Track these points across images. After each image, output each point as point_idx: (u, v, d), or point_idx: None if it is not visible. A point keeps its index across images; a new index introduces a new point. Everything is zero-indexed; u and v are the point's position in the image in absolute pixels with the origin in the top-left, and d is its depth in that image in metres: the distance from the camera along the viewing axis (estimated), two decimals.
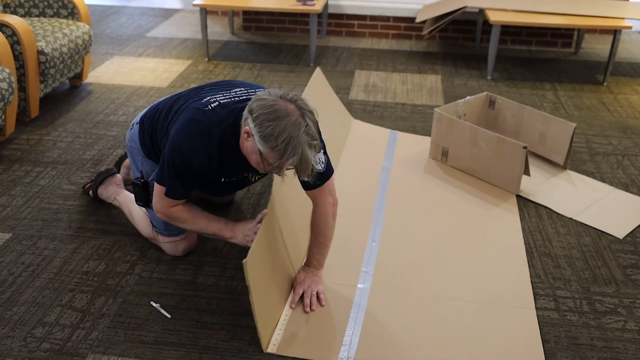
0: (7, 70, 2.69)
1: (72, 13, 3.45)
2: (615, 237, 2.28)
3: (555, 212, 2.43)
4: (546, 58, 4.34)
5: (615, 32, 3.74)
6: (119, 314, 1.85)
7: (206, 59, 4.11)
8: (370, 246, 2.17)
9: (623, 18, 3.79)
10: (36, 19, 3.37)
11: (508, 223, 2.34)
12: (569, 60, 4.30)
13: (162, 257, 2.11)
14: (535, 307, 1.92)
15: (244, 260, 1.60)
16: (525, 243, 2.24)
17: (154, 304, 1.89)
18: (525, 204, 2.48)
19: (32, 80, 3.00)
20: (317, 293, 1.89)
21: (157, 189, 1.84)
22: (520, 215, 2.40)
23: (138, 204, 2.10)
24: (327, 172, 1.84)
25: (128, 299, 1.91)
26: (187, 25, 4.92)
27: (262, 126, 1.54)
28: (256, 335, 1.77)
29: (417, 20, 4.28)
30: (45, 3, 3.44)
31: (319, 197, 1.86)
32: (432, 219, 2.36)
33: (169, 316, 1.84)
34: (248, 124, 1.59)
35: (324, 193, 1.86)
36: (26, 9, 3.45)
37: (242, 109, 1.69)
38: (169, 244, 2.09)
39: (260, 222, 1.85)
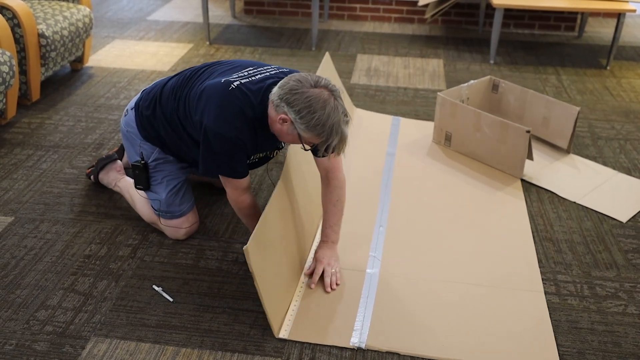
0: (7, 53, 2.67)
1: None
2: (618, 221, 2.28)
3: (558, 196, 2.43)
4: (549, 42, 4.31)
5: (619, 16, 3.70)
6: (121, 297, 1.86)
7: (207, 43, 4.08)
8: (378, 231, 2.17)
9: (627, 1, 3.75)
10: (36, 1, 3.34)
11: (514, 207, 2.34)
12: (572, 44, 4.27)
13: (164, 241, 2.12)
14: None
15: (244, 247, 1.60)
16: None
17: (156, 288, 1.90)
18: (527, 188, 2.48)
19: (33, 64, 2.99)
20: (336, 271, 1.94)
21: (225, 180, 1.87)
22: None
23: (137, 188, 2.11)
24: None
25: (130, 283, 1.92)
26: (188, 8, 4.89)
27: (307, 118, 1.64)
28: (258, 318, 1.78)
29: (420, 3, 4.24)
30: None
31: (334, 164, 1.94)
32: (438, 203, 2.36)
33: (171, 300, 1.85)
34: (285, 112, 1.68)
35: (338, 161, 1.95)
36: None
37: (266, 88, 1.77)
38: (170, 228, 2.10)
39: None
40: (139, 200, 2.18)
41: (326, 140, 1.68)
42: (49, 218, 2.23)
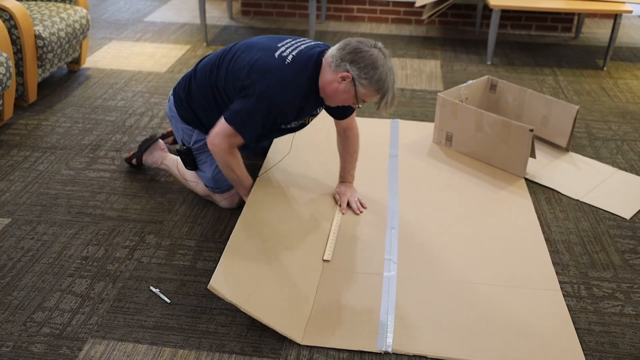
0: (4, 54, 2.67)
1: None
2: (619, 219, 2.30)
3: (555, 196, 2.44)
4: (546, 43, 4.32)
5: (615, 17, 3.71)
6: (118, 299, 1.86)
7: (205, 44, 4.08)
8: (390, 233, 2.17)
9: (624, 2, 3.77)
10: (33, 2, 3.34)
11: (521, 206, 2.35)
12: (569, 45, 4.28)
13: (161, 242, 2.12)
14: None
15: (209, 285, 1.60)
16: None
17: (153, 289, 1.89)
18: (527, 187, 2.48)
19: (30, 65, 2.98)
20: (358, 199, 2.29)
21: (227, 130, 1.94)
22: None
23: (188, 169, 2.28)
24: None
25: (127, 284, 1.92)
26: (185, 9, 4.88)
27: (370, 74, 1.85)
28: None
29: (417, 4, 4.25)
30: None
31: (351, 122, 2.23)
32: (446, 203, 2.36)
33: (168, 301, 1.85)
34: (347, 70, 1.87)
35: (354, 119, 2.23)
36: None
37: (318, 55, 1.94)
38: (225, 200, 2.27)
39: None
40: (190, 175, 2.33)
41: (383, 96, 1.89)
42: (46, 219, 2.22)
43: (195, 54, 3.90)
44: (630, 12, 3.67)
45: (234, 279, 1.71)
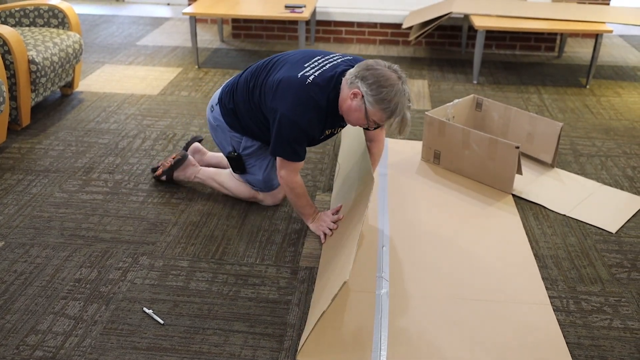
0: None
1: (63, 22, 3.47)
2: (605, 233, 2.34)
3: (543, 212, 2.48)
4: (530, 62, 4.41)
5: (597, 36, 3.81)
6: (111, 320, 1.86)
7: (196, 67, 4.13)
8: (381, 251, 2.19)
9: (604, 22, 3.87)
10: (27, 28, 3.38)
11: (509, 222, 2.39)
12: (553, 64, 4.37)
13: (154, 263, 2.13)
14: None
15: (346, 281, 1.66)
16: None
17: (147, 310, 1.90)
18: (515, 204, 2.52)
19: (23, 90, 3.01)
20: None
21: (283, 163, 2.12)
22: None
23: (237, 173, 2.40)
24: None
25: (120, 306, 1.93)
26: (176, 33, 4.95)
27: (376, 91, 1.89)
28: (248, 339, 1.79)
29: (404, 26, 4.33)
30: (36, 13, 3.46)
31: (380, 134, 2.32)
32: (435, 221, 2.39)
33: (161, 322, 1.86)
34: (358, 87, 1.93)
35: (380, 133, 2.33)
36: (17, 19, 3.47)
37: (338, 76, 2.03)
38: (270, 196, 2.42)
39: (335, 220, 2.23)
40: (229, 183, 2.45)
41: (389, 117, 1.91)
42: (39, 242, 2.23)
43: (187, 77, 3.95)
44: (611, 32, 3.77)
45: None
